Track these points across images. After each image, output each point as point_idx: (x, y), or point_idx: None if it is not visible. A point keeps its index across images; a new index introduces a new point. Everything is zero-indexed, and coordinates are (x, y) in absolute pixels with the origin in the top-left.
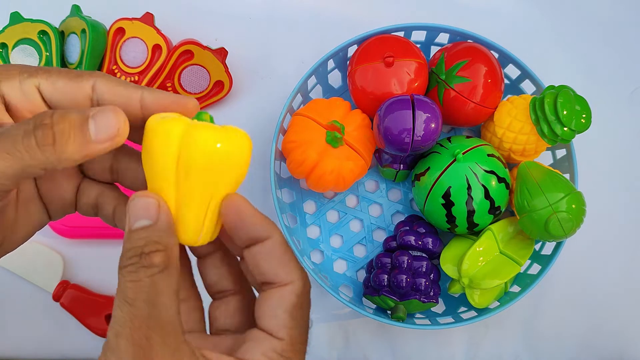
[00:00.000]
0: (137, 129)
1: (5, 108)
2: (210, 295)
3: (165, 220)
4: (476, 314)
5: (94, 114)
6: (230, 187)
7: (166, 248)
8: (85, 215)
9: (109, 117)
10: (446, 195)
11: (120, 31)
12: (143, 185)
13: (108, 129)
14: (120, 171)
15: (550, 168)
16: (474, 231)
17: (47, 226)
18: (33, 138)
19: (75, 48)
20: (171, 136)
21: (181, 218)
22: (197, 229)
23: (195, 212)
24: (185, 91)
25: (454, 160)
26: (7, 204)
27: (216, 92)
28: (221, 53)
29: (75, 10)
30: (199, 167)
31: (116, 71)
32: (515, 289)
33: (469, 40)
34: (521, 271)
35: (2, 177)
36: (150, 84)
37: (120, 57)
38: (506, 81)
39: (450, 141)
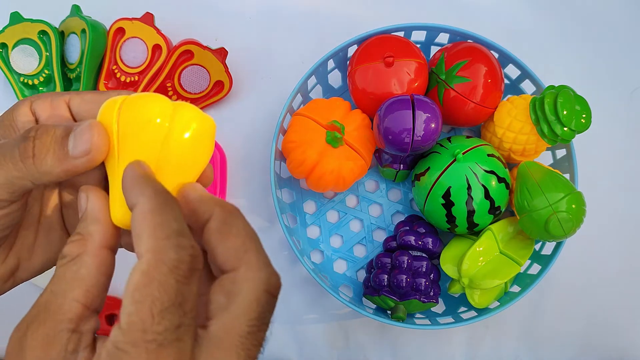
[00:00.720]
0: None
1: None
2: None
3: (91, 208)
4: (476, 314)
5: (75, 129)
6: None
7: (82, 237)
8: None
9: (85, 131)
10: (446, 195)
11: (120, 31)
12: None
13: (83, 144)
14: None
15: (550, 168)
16: (474, 231)
17: None
18: (17, 150)
19: (75, 48)
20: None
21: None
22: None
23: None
24: (185, 91)
25: (454, 160)
26: (8, 217)
27: (216, 92)
28: (221, 53)
29: (75, 10)
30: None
31: (116, 71)
32: (515, 289)
33: (469, 40)
34: (521, 271)
35: None
36: (150, 84)
37: (120, 57)
38: (506, 81)
39: (450, 141)
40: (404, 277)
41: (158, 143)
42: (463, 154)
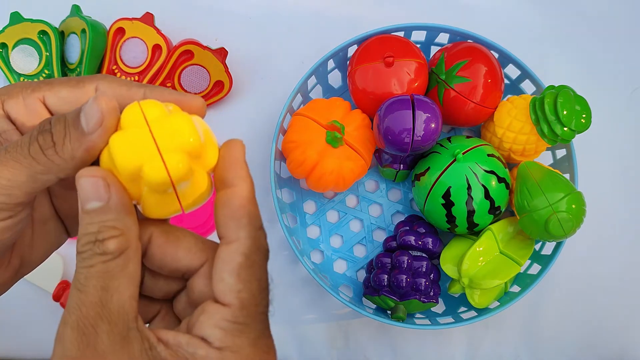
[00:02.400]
0: None
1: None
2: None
3: (118, 199)
4: (476, 314)
5: (84, 107)
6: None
7: (122, 232)
8: None
9: (92, 105)
10: (446, 195)
11: (120, 31)
12: None
13: (93, 117)
14: None
15: (550, 168)
16: (474, 231)
17: None
18: (36, 144)
19: (75, 48)
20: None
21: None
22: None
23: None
24: (186, 91)
25: (454, 160)
26: (21, 223)
27: (216, 92)
28: (221, 53)
29: (75, 10)
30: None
31: (116, 71)
32: (515, 289)
33: (469, 40)
34: (521, 271)
35: (14, 187)
36: (150, 84)
37: (120, 57)
38: (506, 81)
39: (450, 141)
40: (404, 277)
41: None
42: (463, 154)
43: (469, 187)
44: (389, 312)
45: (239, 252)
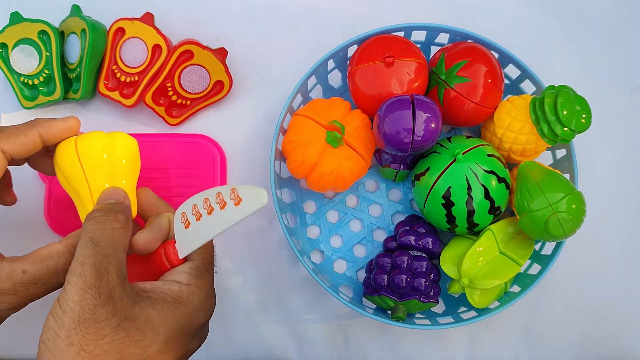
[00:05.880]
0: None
1: None
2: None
3: (128, 203)
4: (476, 314)
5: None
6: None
7: (127, 217)
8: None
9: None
10: (446, 195)
11: (120, 31)
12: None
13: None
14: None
15: (550, 168)
16: (474, 231)
17: (46, 226)
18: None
19: (75, 48)
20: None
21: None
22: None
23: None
24: (185, 91)
25: (454, 160)
26: None
27: (216, 92)
28: (221, 53)
29: (75, 10)
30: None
31: (116, 71)
32: (515, 289)
33: (469, 40)
34: (521, 271)
35: None
36: (150, 84)
37: (120, 57)
38: (506, 81)
39: (450, 141)
40: (404, 277)
41: (109, 167)
42: (463, 154)
43: (469, 187)
44: (389, 312)
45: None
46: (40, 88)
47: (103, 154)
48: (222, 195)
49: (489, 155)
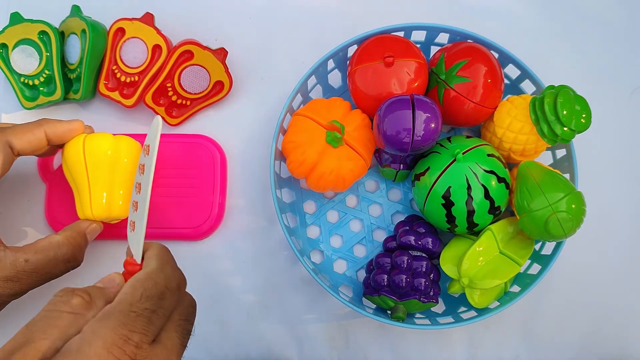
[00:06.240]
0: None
1: None
2: None
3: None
4: (476, 314)
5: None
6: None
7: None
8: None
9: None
10: (446, 195)
11: (120, 31)
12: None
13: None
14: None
15: (550, 168)
16: (473, 231)
17: (47, 225)
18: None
19: (75, 48)
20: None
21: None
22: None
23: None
24: (185, 91)
25: (454, 160)
26: None
27: (216, 92)
28: (221, 53)
29: (75, 10)
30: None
31: (116, 71)
32: (515, 289)
33: (469, 40)
34: (521, 271)
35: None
36: (150, 84)
37: (120, 57)
38: (506, 81)
39: (450, 141)
40: (404, 277)
41: (110, 164)
42: (463, 154)
43: (469, 187)
44: (389, 312)
45: (143, 271)
46: (41, 88)
47: (107, 150)
48: (138, 168)
49: (488, 155)
